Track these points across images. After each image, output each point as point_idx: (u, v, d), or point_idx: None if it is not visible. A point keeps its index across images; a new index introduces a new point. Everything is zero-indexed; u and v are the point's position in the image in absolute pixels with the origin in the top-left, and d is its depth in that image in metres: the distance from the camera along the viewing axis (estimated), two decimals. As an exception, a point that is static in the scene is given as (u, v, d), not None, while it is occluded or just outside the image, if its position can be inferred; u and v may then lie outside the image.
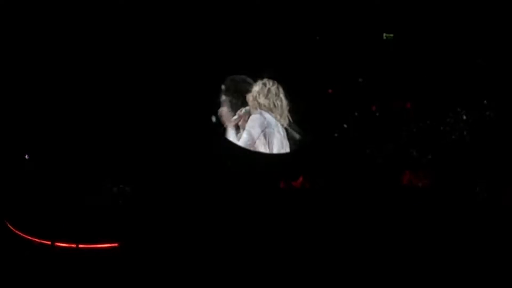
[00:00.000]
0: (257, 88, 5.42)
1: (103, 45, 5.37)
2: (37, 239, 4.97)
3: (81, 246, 4.93)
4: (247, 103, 5.44)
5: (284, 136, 5.42)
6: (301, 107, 5.45)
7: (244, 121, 5.42)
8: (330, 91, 5.55)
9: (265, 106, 5.43)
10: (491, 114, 5.37)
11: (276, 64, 5.43)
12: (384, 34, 5.54)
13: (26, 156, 5.23)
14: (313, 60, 5.52)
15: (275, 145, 5.38)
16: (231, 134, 5.40)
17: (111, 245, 4.94)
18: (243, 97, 5.40)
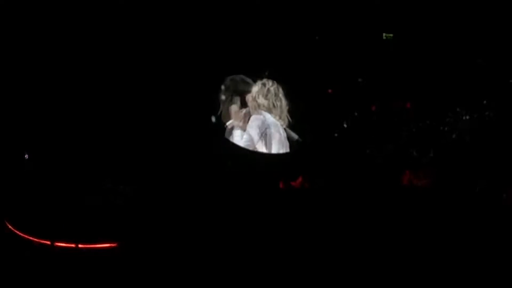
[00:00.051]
0: (256, 89, 5.42)
1: (103, 45, 5.38)
2: (36, 239, 4.98)
3: (80, 246, 4.94)
4: (247, 104, 5.43)
5: (284, 136, 5.42)
6: (301, 107, 5.44)
7: (245, 122, 5.42)
8: (330, 91, 5.55)
9: (264, 106, 5.42)
10: (491, 114, 5.36)
11: (276, 64, 5.42)
12: (384, 34, 5.54)
13: (26, 156, 5.24)
14: (313, 60, 5.52)
15: (274, 145, 5.37)
16: (237, 134, 5.38)
17: (110, 245, 4.95)
18: (242, 97, 5.40)
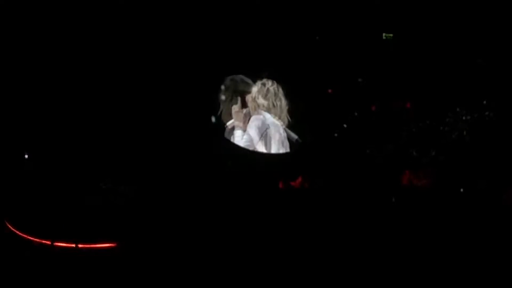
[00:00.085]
0: (256, 89, 5.41)
1: (102, 45, 5.38)
2: (36, 239, 4.98)
3: (80, 245, 4.94)
4: (247, 104, 5.42)
5: (284, 136, 5.41)
6: (301, 107, 5.44)
7: (245, 122, 5.41)
8: (330, 91, 5.54)
9: (264, 106, 5.41)
10: (491, 114, 5.36)
11: (275, 64, 5.42)
12: (384, 34, 5.54)
13: (26, 156, 5.24)
14: (313, 60, 5.52)
15: (274, 145, 5.37)
16: (237, 134, 5.37)
17: (110, 245, 4.95)
18: (242, 97, 5.39)
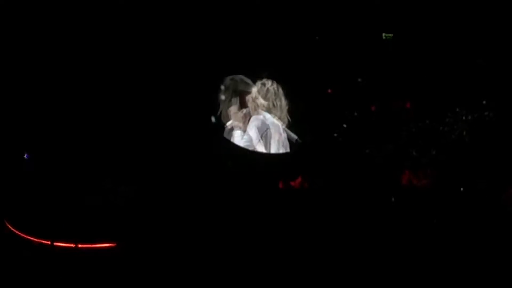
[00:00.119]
0: (256, 89, 5.41)
1: (102, 45, 5.38)
2: (36, 239, 4.99)
3: (80, 245, 4.95)
4: (247, 104, 5.42)
5: (284, 137, 5.41)
6: (301, 107, 5.44)
7: (245, 122, 5.41)
8: (330, 91, 5.54)
9: (264, 106, 5.41)
10: (490, 114, 5.36)
11: (275, 64, 5.42)
12: (384, 34, 5.54)
13: (26, 156, 5.25)
14: (313, 60, 5.52)
15: (274, 145, 5.37)
16: (237, 134, 5.37)
17: (109, 245, 4.95)
18: (242, 97, 5.39)
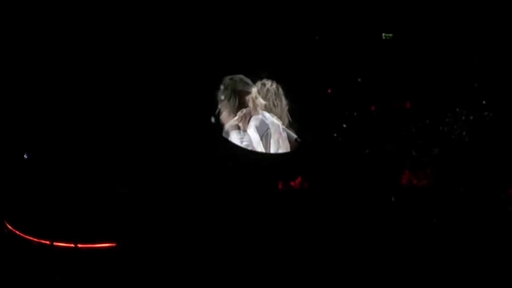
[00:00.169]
0: (256, 89, 5.42)
1: (102, 45, 5.38)
2: (36, 239, 4.99)
3: (80, 245, 4.95)
4: (247, 104, 5.42)
5: (284, 136, 5.41)
6: (301, 107, 5.44)
7: (245, 122, 5.41)
8: (329, 91, 5.54)
9: (264, 106, 5.42)
10: (490, 114, 5.36)
11: (275, 64, 5.43)
12: (383, 34, 5.54)
13: (25, 156, 5.25)
14: (313, 60, 5.52)
15: (274, 145, 5.37)
16: (233, 135, 5.38)
17: (109, 244, 4.96)
18: (241, 97, 5.39)
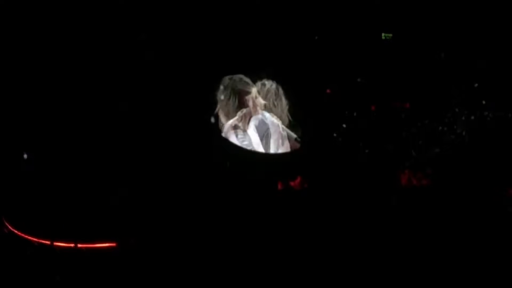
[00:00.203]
0: (256, 89, 5.43)
1: (101, 45, 5.38)
2: (36, 239, 4.99)
3: (79, 245, 4.95)
4: (247, 104, 5.42)
5: (284, 136, 5.42)
6: (301, 107, 5.45)
7: (245, 122, 5.42)
8: (329, 91, 5.55)
9: (264, 106, 5.43)
10: (490, 114, 5.36)
11: (275, 64, 5.43)
12: (383, 34, 5.54)
13: (25, 156, 5.25)
14: (312, 60, 5.52)
15: (274, 145, 5.38)
16: (233, 135, 5.38)
17: (109, 244, 4.96)
18: (241, 97, 5.40)
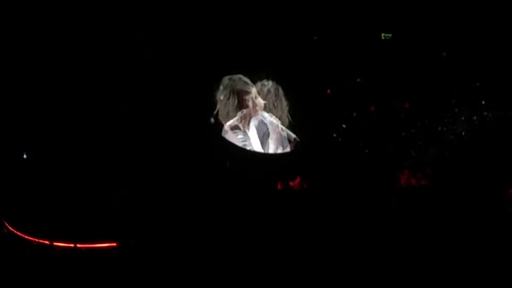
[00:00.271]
0: (255, 89, 5.43)
1: (101, 45, 5.38)
2: (35, 239, 4.98)
3: (79, 245, 4.95)
4: (246, 104, 5.43)
5: (284, 136, 5.42)
6: (300, 107, 5.45)
7: (245, 122, 5.42)
8: (329, 91, 5.55)
9: (264, 107, 5.43)
10: (490, 114, 5.36)
11: (275, 64, 5.43)
12: (383, 34, 5.54)
13: (24, 156, 5.25)
14: (312, 60, 5.52)
15: (273, 145, 5.38)
16: (233, 135, 5.38)
17: (109, 244, 4.95)
18: (241, 97, 5.40)
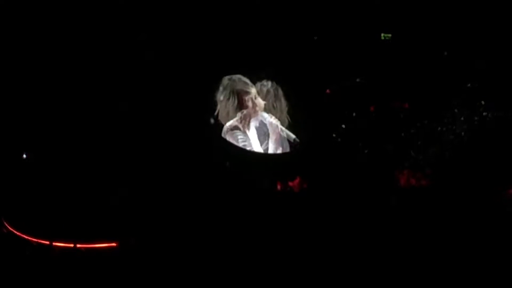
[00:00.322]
0: (255, 90, 5.43)
1: (101, 45, 5.39)
2: (35, 239, 4.98)
3: (79, 245, 4.94)
4: (246, 104, 5.43)
5: (283, 137, 5.42)
6: (300, 107, 5.45)
7: (245, 123, 5.42)
8: (328, 91, 5.55)
9: (264, 107, 5.44)
10: (490, 114, 5.37)
11: (275, 64, 5.44)
12: (382, 34, 5.55)
13: (24, 156, 5.25)
14: (311, 60, 5.53)
15: (273, 145, 5.39)
16: (233, 135, 5.39)
17: (109, 244, 4.95)
18: (240, 97, 5.40)
